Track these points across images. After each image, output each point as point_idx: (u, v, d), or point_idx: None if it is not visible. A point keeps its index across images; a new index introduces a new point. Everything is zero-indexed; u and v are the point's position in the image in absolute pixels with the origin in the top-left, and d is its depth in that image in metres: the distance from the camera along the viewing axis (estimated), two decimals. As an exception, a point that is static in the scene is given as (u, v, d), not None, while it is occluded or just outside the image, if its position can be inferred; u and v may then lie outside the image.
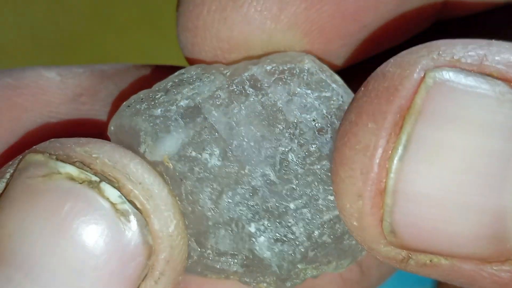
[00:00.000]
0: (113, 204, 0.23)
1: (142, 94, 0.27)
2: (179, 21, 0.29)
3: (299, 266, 0.26)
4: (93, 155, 0.24)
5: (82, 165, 0.24)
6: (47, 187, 0.23)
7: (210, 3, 0.29)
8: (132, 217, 0.23)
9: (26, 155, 0.24)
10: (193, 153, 0.26)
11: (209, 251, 0.26)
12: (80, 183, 0.23)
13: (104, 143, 0.24)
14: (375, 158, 0.22)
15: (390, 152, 0.22)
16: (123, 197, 0.23)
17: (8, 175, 0.24)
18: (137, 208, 0.23)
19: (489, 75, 0.22)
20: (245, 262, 0.26)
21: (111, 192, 0.23)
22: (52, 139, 0.25)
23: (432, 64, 0.22)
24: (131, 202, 0.23)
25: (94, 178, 0.24)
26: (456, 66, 0.22)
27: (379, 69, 0.23)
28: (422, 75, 0.22)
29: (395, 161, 0.22)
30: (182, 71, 0.28)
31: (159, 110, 0.26)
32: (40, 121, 0.30)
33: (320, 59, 0.29)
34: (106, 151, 0.24)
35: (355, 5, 0.29)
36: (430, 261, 0.23)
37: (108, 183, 0.23)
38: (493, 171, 0.22)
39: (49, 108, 0.30)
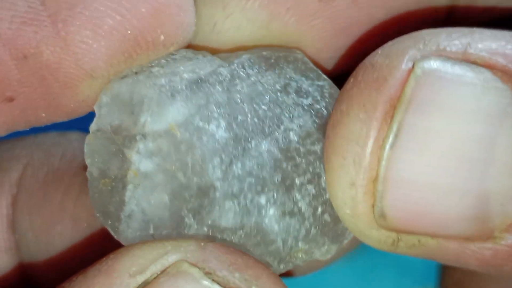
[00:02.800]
0: None
1: (134, 68, 0.27)
2: None
3: (300, 244, 0.27)
4: (253, 287, 0.23)
5: None
6: None
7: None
8: None
9: (178, 262, 0.23)
10: (200, 123, 0.26)
11: (205, 228, 0.26)
12: None
13: (261, 272, 0.24)
14: (367, 147, 0.23)
15: (381, 141, 0.23)
16: None
17: (149, 272, 0.23)
18: None
19: (474, 62, 0.23)
20: (242, 241, 0.26)
21: None
22: (202, 244, 0.24)
23: (419, 54, 0.23)
24: None
25: None
26: (442, 55, 0.23)
27: (367, 60, 0.24)
28: (411, 65, 0.23)
29: (386, 150, 0.23)
30: (172, 52, 0.27)
31: (162, 79, 0.26)
32: None
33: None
34: (265, 283, 0.23)
35: (348, 20, 0.29)
36: (419, 241, 0.23)
37: None
38: (477, 155, 0.22)
39: None
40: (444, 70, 0.23)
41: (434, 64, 0.23)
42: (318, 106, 0.27)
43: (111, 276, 0.22)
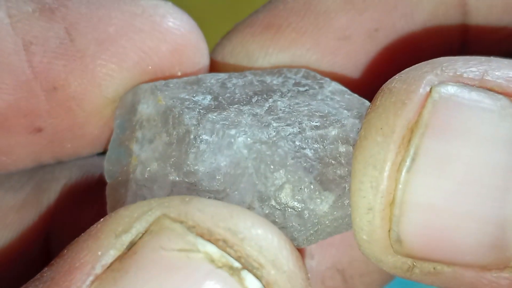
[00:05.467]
0: None
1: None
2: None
3: (276, 175, 0.26)
4: (239, 235, 0.22)
5: (225, 245, 0.22)
6: (184, 266, 0.22)
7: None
8: None
9: (160, 218, 0.22)
10: (186, 96, 0.27)
11: (186, 179, 0.26)
12: (221, 267, 0.22)
13: (247, 218, 0.23)
14: (385, 171, 0.23)
15: (398, 164, 0.23)
16: (263, 287, 0.22)
17: (134, 231, 0.22)
18: None
19: (490, 89, 0.23)
20: (222, 187, 0.26)
21: (252, 282, 0.22)
22: (187, 199, 0.23)
23: (436, 79, 0.23)
24: None
25: (236, 264, 0.22)
26: (459, 81, 0.23)
27: (385, 86, 0.24)
28: (428, 90, 0.23)
29: (403, 173, 0.22)
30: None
31: (163, 81, 0.28)
32: None
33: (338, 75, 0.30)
34: (253, 231, 0.23)
35: (366, 55, 0.30)
36: (434, 269, 0.23)
37: (250, 272, 0.22)
38: (495, 182, 0.22)
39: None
40: (461, 96, 0.23)
41: (451, 89, 0.23)
42: (314, 91, 0.27)
43: (98, 238, 0.22)
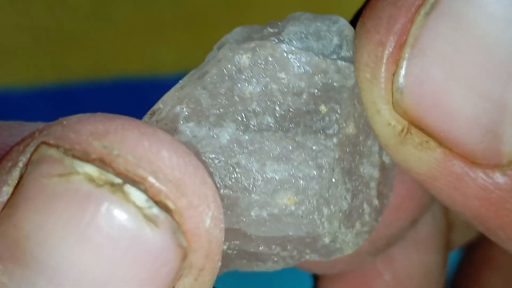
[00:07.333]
0: (139, 209, 0.21)
1: None
2: None
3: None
4: (114, 152, 0.21)
5: (103, 164, 0.21)
6: (65, 190, 0.21)
7: None
8: (162, 222, 0.21)
9: (39, 147, 0.21)
10: None
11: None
12: (102, 186, 0.21)
13: (125, 132, 0.21)
14: (404, 8, 0.23)
15: (418, 7, 0.23)
16: (150, 200, 0.21)
17: (21, 164, 0.21)
18: (167, 209, 0.21)
19: None
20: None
21: (137, 196, 0.21)
22: (64, 122, 0.22)
23: None
24: (160, 203, 0.21)
25: (117, 180, 0.21)
26: None
27: None
28: None
29: (421, 15, 0.22)
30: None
31: None
32: None
33: None
34: (129, 145, 0.21)
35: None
36: (426, 142, 0.23)
37: (133, 185, 0.21)
38: (506, 61, 0.22)
39: None
40: None
41: None
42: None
43: None
